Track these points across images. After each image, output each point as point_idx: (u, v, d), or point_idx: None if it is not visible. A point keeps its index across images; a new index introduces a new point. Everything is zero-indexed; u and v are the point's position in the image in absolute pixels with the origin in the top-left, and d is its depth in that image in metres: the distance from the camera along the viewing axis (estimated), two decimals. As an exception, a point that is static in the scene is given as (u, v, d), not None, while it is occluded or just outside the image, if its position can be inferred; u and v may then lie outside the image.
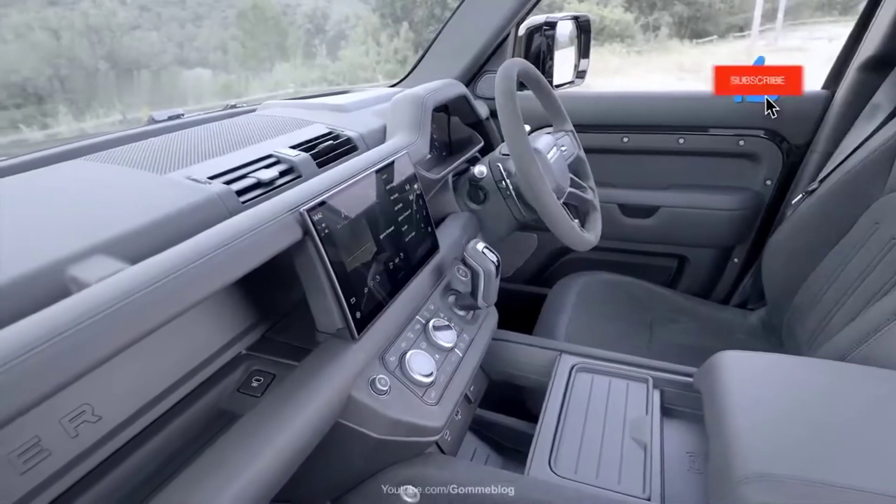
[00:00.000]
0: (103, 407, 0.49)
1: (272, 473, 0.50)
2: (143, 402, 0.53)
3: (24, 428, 0.43)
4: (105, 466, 0.49)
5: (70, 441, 0.46)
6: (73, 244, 0.46)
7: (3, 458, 0.42)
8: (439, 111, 1.22)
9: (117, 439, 0.50)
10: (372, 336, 0.65)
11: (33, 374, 0.33)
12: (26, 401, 0.32)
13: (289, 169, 0.73)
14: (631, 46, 15.37)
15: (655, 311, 1.28)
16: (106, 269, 0.43)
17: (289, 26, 16.44)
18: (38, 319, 0.35)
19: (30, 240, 0.47)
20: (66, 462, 0.46)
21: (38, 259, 0.44)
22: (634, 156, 1.43)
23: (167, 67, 13.26)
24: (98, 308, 0.37)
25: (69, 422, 0.46)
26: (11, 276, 0.41)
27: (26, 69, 10.70)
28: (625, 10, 15.86)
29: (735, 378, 0.67)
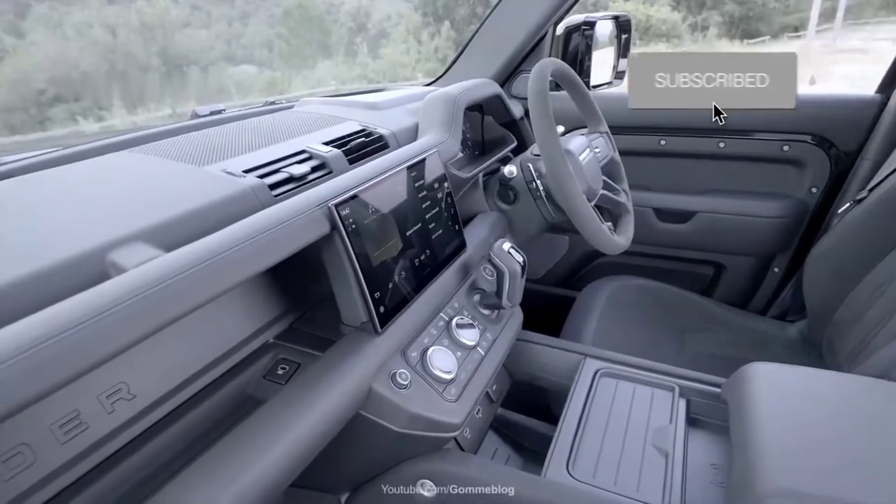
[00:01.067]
0: (138, 386, 0.52)
1: (292, 458, 0.51)
2: (176, 384, 0.56)
3: (66, 401, 0.46)
4: (138, 442, 0.51)
5: (106, 416, 0.49)
6: (115, 231, 0.49)
7: (46, 429, 0.45)
8: (473, 110, 1.22)
9: (150, 417, 0.53)
10: (395, 331, 0.66)
11: (74, 351, 0.35)
12: (68, 374, 0.35)
13: (320, 164, 0.75)
14: (677, 47, 14.95)
15: (688, 318, 1.25)
16: (143, 255, 0.46)
17: (332, 24, 16.71)
18: (80, 301, 0.38)
19: (76, 225, 0.50)
20: (102, 436, 0.49)
21: (83, 244, 0.46)
22: (671, 159, 1.40)
23: (215, 64, 13.69)
24: (134, 292, 0.39)
25: (106, 398, 0.49)
26: (57, 259, 0.44)
27: (85, 64, 11.25)
28: (672, 8, 15.43)
29: (764, 390, 0.65)
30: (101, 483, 0.48)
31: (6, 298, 0.40)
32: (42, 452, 0.45)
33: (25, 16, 12.79)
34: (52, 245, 0.46)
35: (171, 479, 0.46)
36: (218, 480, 0.46)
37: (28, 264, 0.43)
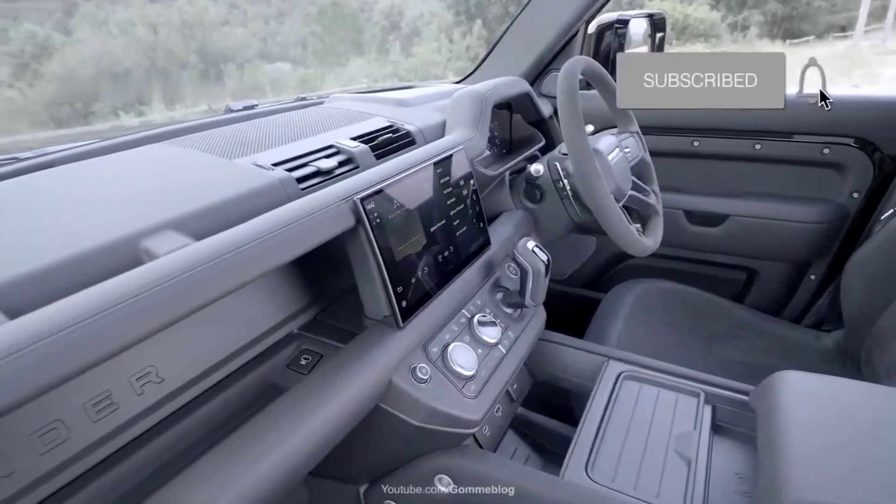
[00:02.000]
0: (167, 370, 0.54)
1: (312, 445, 0.52)
2: (203, 369, 0.57)
3: (99, 381, 0.48)
4: (164, 425, 0.53)
5: (136, 398, 0.51)
6: (149, 219, 0.51)
7: (79, 407, 0.47)
8: (501, 108, 1.22)
9: (176, 401, 0.55)
10: (417, 325, 0.66)
11: (109, 331, 0.37)
12: (104, 353, 0.36)
13: (348, 159, 0.76)
14: (715, 46, 14.57)
15: (717, 324, 1.22)
16: (175, 243, 0.47)
17: (365, 23, 16.85)
18: (115, 284, 0.39)
19: (113, 213, 0.52)
20: (131, 417, 0.51)
21: (118, 231, 0.48)
22: (704, 160, 1.36)
23: (251, 61, 13.98)
24: (165, 278, 0.41)
25: (136, 380, 0.51)
26: (95, 244, 0.46)
27: (128, 61, 11.64)
28: (711, 7, 15.04)
29: (794, 399, 0.63)
30: (128, 463, 0.50)
31: (49, 279, 0.42)
32: (75, 429, 0.47)
33: (73, 14, 13.30)
34: (90, 230, 0.48)
35: (192, 463, 0.47)
36: (238, 465, 0.48)
37: (68, 248, 0.45)
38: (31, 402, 0.33)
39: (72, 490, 0.46)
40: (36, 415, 0.44)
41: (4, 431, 0.42)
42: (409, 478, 0.70)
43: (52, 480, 0.45)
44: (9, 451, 0.43)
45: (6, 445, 0.43)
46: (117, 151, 0.71)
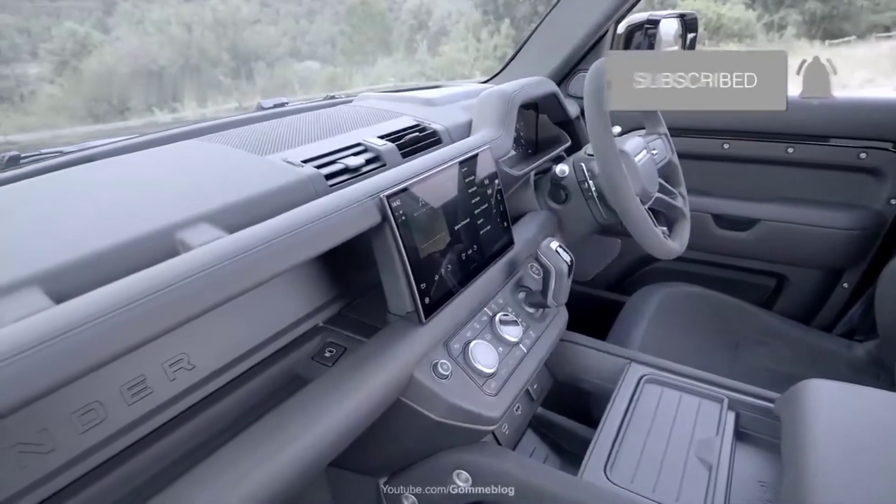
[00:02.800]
0: (198, 357, 0.56)
1: (334, 436, 0.53)
2: (231, 358, 0.59)
3: (135, 365, 0.50)
4: (194, 410, 0.55)
5: (168, 383, 0.53)
6: (184, 212, 0.53)
7: (116, 389, 0.49)
8: (528, 108, 1.22)
9: (205, 388, 0.56)
10: (439, 322, 0.67)
11: (147, 318, 0.38)
12: (143, 337, 0.38)
13: (375, 157, 0.77)
14: (750, 47, 14.21)
15: (743, 330, 1.19)
16: (208, 235, 0.49)
17: (393, 22, 16.94)
18: (153, 273, 0.41)
19: (150, 205, 0.54)
20: (163, 401, 0.53)
21: (156, 222, 0.50)
22: (734, 164, 1.34)
23: (280, 59, 14.20)
24: (200, 268, 0.42)
25: (170, 366, 0.53)
26: (133, 235, 0.49)
27: (163, 59, 11.95)
28: (746, 6, 14.66)
29: (821, 408, 0.62)
30: (158, 446, 0.52)
31: (92, 267, 0.44)
32: (112, 411, 0.49)
33: (112, 13, 13.71)
34: (130, 221, 0.50)
35: (218, 449, 0.49)
36: (262, 453, 0.49)
37: (110, 238, 0.47)
38: (72, 383, 0.35)
39: (106, 469, 0.48)
40: (76, 395, 0.47)
41: (48, 409, 0.45)
42: (428, 472, 0.71)
43: (89, 459, 0.47)
44: (52, 428, 0.45)
45: (49, 422, 0.45)
46: (155, 147, 0.74)
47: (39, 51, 12.19)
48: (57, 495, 0.45)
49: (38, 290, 0.41)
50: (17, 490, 0.43)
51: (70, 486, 0.46)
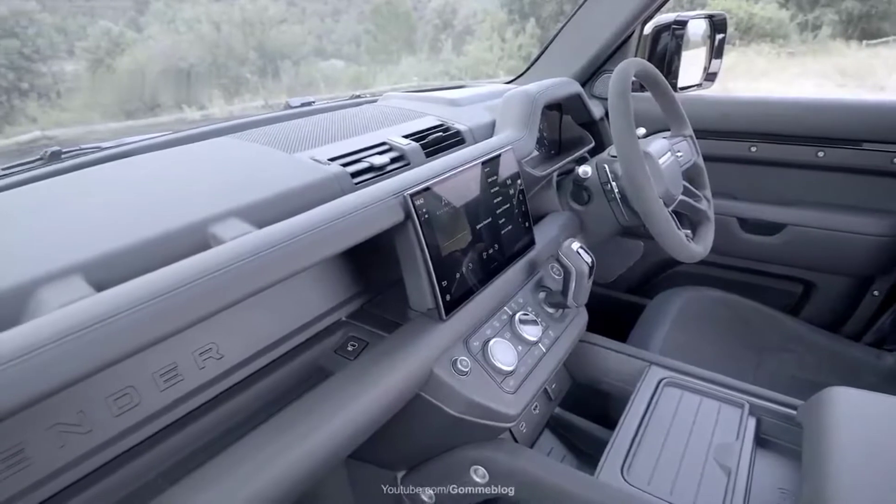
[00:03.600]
0: (226, 347, 0.58)
1: (354, 427, 0.55)
2: (258, 349, 0.61)
3: (167, 353, 0.53)
4: (221, 398, 0.57)
5: (198, 371, 0.55)
6: (216, 207, 0.55)
7: (149, 376, 0.51)
8: (552, 109, 1.22)
9: (232, 377, 0.58)
10: (459, 319, 0.68)
11: (180, 307, 0.40)
12: (176, 326, 0.40)
13: (399, 156, 0.79)
14: (783, 47, 13.86)
15: (767, 336, 1.17)
16: (238, 230, 0.51)
17: (418, 21, 17.01)
18: (187, 265, 0.43)
19: (184, 200, 0.57)
20: (192, 388, 0.55)
21: (189, 216, 0.53)
22: (762, 167, 1.32)
23: (306, 58, 14.39)
24: (231, 261, 0.44)
25: (199, 355, 0.55)
26: (168, 228, 0.51)
27: (192, 57, 12.23)
28: (780, 6, 14.30)
29: (846, 416, 0.61)
30: (188, 431, 0.54)
31: (129, 257, 0.47)
32: (145, 396, 0.51)
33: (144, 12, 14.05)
34: (165, 215, 0.52)
35: (243, 437, 0.51)
36: (284, 442, 0.51)
37: (146, 230, 0.49)
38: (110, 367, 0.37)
39: (139, 451, 0.50)
40: (112, 379, 0.49)
41: (86, 392, 0.47)
42: (446, 467, 0.72)
43: (123, 441, 0.50)
44: (89, 410, 0.47)
45: (87, 405, 0.47)
46: (188, 143, 0.76)
47: (75, 49, 12.58)
48: (93, 474, 0.47)
49: (80, 279, 0.44)
50: (57, 468, 0.46)
51: (105, 467, 0.48)
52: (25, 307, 0.41)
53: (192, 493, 0.45)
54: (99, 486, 0.47)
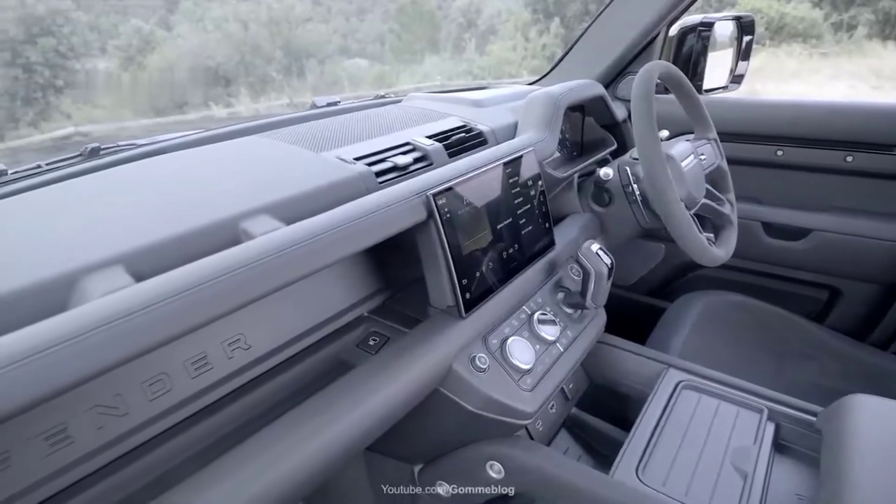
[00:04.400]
0: (254, 338, 0.60)
1: (373, 420, 0.56)
2: (283, 341, 0.63)
3: (198, 342, 0.55)
4: (247, 388, 0.59)
5: (226, 361, 0.58)
6: (247, 203, 0.57)
7: (180, 364, 0.54)
8: (575, 111, 1.22)
9: (258, 368, 0.61)
10: (478, 317, 0.70)
11: (212, 299, 0.42)
12: (207, 317, 0.42)
13: (423, 156, 0.80)
14: (815, 48, 13.48)
15: (790, 343, 1.16)
16: (268, 226, 0.54)
17: (442, 20, 17.01)
18: (220, 258, 0.45)
19: (216, 196, 0.59)
20: (221, 377, 0.57)
21: (222, 212, 0.55)
22: (788, 171, 1.30)
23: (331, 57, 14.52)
24: (259, 256, 0.46)
25: (228, 345, 0.58)
26: (203, 223, 0.53)
27: (220, 55, 12.46)
28: (813, 5, 13.90)
29: (866, 423, 0.61)
30: (217, 418, 0.56)
31: (166, 250, 0.49)
32: (177, 383, 0.54)
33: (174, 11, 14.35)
34: (199, 210, 0.55)
35: (267, 426, 0.53)
36: (306, 431, 0.52)
37: (182, 225, 0.52)
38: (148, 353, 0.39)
39: (169, 435, 0.53)
40: (147, 366, 0.52)
41: (122, 377, 0.50)
42: (462, 462, 0.73)
43: (156, 424, 0.52)
44: (125, 394, 0.50)
45: (123, 389, 0.50)
46: (219, 141, 0.79)
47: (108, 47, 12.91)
48: (127, 455, 0.50)
49: (121, 269, 0.46)
50: (96, 447, 0.48)
51: (138, 449, 0.51)
52: (71, 295, 0.44)
53: (219, 478, 0.47)
54: (133, 466, 0.50)
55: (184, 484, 0.46)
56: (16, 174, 0.71)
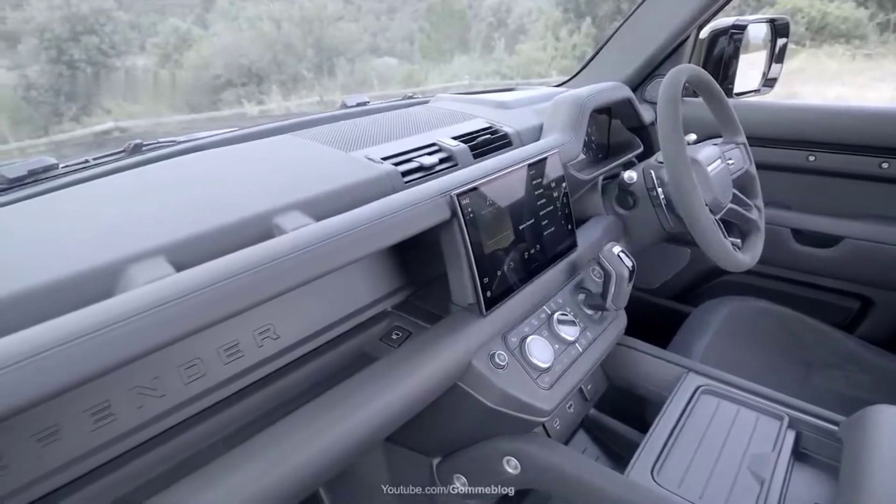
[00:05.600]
0: (283, 329, 0.63)
1: (393, 411, 0.59)
2: (310, 333, 0.66)
3: (230, 331, 0.58)
4: (275, 376, 0.62)
5: (257, 349, 0.61)
6: (279, 200, 0.60)
7: (214, 350, 0.57)
8: (601, 113, 1.23)
9: (287, 357, 0.64)
10: (498, 315, 0.71)
11: (247, 289, 0.45)
12: (244, 305, 0.45)
13: (448, 157, 0.82)
14: (859, 48, 13.00)
15: (817, 352, 1.14)
16: (299, 221, 0.56)
17: (472, 19, 17.01)
18: (253, 252, 0.48)
19: (251, 192, 0.62)
20: (251, 364, 0.60)
21: (256, 207, 0.58)
22: (819, 177, 1.27)
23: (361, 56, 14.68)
24: (291, 250, 0.49)
25: (259, 334, 0.61)
26: (239, 217, 0.56)
27: (253, 54, 12.72)
28: (857, 4, 13.41)
29: (888, 434, 0.60)
30: (245, 403, 0.59)
31: (204, 242, 0.52)
32: (210, 368, 0.57)
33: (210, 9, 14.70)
34: (234, 206, 0.58)
35: (292, 413, 0.55)
36: (329, 418, 0.55)
37: (219, 219, 0.55)
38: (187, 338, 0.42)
39: (203, 417, 0.56)
40: (183, 351, 0.55)
41: (160, 360, 0.53)
42: (480, 457, 0.75)
43: (190, 406, 0.56)
44: (162, 377, 0.53)
45: (161, 371, 0.53)
46: (254, 139, 0.83)
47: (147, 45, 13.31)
48: (163, 434, 0.53)
49: (162, 259, 0.49)
50: (135, 425, 0.52)
51: (173, 428, 0.54)
52: (117, 282, 0.47)
53: (245, 460, 0.50)
54: (168, 445, 0.53)
55: (213, 464, 0.49)
56: (66, 168, 0.75)
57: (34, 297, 0.44)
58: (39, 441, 0.46)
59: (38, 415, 0.46)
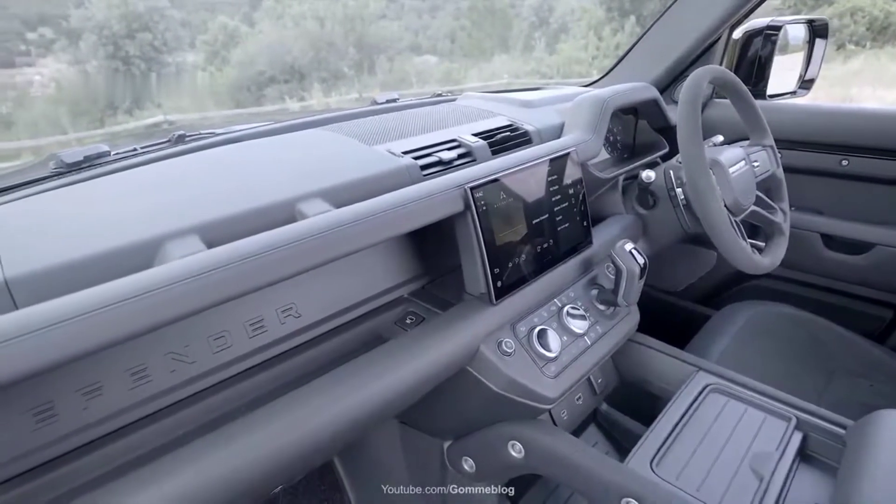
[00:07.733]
0: (304, 308, 0.68)
1: (401, 388, 0.62)
2: (330, 313, 0.71)
3: (255, 307, 0.63)
4: (295, 352, 0.67)
5: (279, 326, 0.66)
6: (304, 187, 0.65)
7: (240, 324, 0.62)
8: (627, 113, 1.23)
9: (307, 335, 0.68)
10: (509, 305, 0.74)
11: (273, 266, 0.50)
12: (266, 281, 0.49)
13: (467, 153, 0.86)
14: (922, 51, 12.30)
15: (841, 360, 1.12)
16: (320, 208, 0.61)
17: (514, 18, 16.92)
18: (277, 233, 0.53)
19: (279, 180, 0.67)
20: (274, 339, 0.65)
21: (282, 194, 0.63)
22: (852, 182, 1.24)
23: (401, 53, 14.81)
24: (311, 233, 0.54)
25: (282, 312, 0.66)
26: (265, 202, 0.61)
27: (296, 51, 13.03)
28: (924, 4, 12.66)
29: (889, 437, 0.60)
30: (267, 374, 0.64)
31: (233, 224, 0.58)
32: (236, 340, 0.62)
33: (257, 7, 15.12)
34: (262, 192, 0.63)
35: (308, 383, 0.59)
36: (340, 391, 0.59)
37: (248, 203, 0.60)
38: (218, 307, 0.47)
39: (227, 384, 0.61)
40: (212, 322, 0.60)
41: (192, 329, 0.58)
42: (487, 440, 0.78)
43: (215, 375, 0.61)
44: (193, 345, 0.59)
45: (192, 340, 0.59)
46: (286, 133, 0.88)
47: (196, 42, 13.81)
48: (192, 397, 0.59)
49: (196, 237, 0.55)
50: (168, 387, 0.57)
51: (200, 393, 0.59)
52: (155, 255, 0.53)
53: (265, 422, 0.55)
54: (196, 407, 0.58)
55: (236, 422, 0.54)
56: (117, 155, 0.83)
57: (86, 264, 0.50)
58: (84, 395, 0.52)
59: (84, 372, 0.52)
